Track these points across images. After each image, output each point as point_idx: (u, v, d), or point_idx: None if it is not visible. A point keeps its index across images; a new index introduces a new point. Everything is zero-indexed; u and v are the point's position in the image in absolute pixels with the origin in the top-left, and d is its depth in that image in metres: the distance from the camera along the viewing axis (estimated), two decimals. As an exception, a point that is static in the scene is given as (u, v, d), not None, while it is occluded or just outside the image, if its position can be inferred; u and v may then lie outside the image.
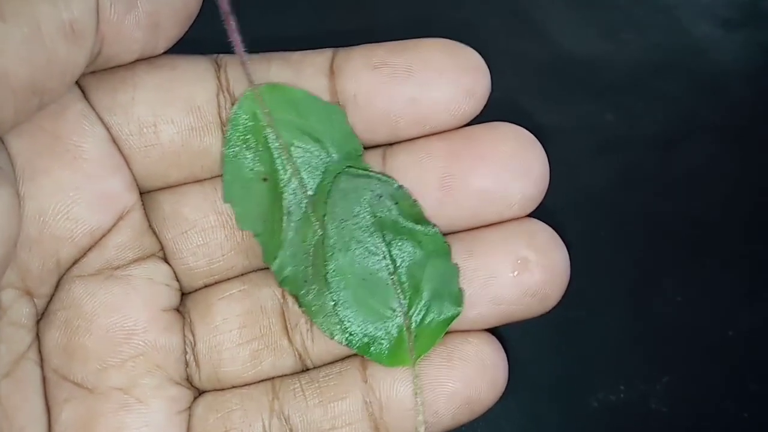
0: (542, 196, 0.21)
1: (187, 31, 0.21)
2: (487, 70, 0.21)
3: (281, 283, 0.21)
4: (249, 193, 0.21)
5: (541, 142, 0.21)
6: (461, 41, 0.22)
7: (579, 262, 0.23)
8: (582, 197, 0.32)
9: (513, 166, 0.21)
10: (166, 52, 0.21)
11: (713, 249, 0.31)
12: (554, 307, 0.22)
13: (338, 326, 0.21)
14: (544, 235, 0.21)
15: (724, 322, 0.30)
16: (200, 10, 0.20)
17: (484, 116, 0.22)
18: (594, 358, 0.29)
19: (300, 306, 0.21)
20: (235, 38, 0.21)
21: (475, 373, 0.21)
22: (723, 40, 0.36)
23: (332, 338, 0.21)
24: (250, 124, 0.21)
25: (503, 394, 0.22)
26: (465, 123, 0.21)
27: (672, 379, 0.29)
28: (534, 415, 0.28)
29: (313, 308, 0.21)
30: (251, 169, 0.21)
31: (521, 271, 0.21)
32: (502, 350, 0.21)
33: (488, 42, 0.22)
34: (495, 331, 0.22)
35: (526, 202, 0.21)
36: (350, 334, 0.21)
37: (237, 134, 0.21)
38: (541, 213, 0.22)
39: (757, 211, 0.32)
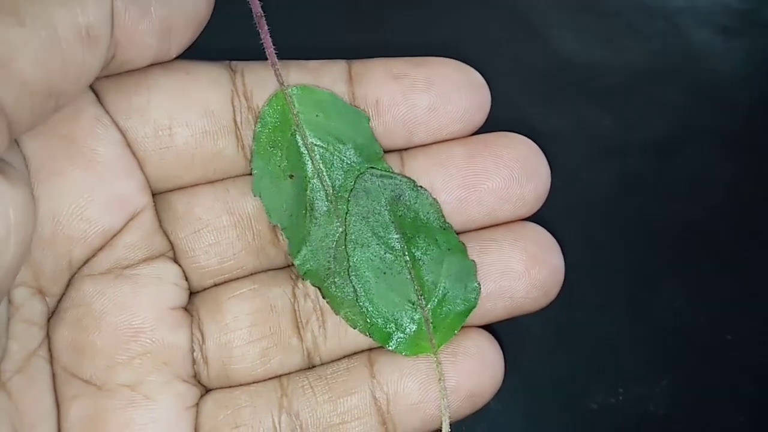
0: (545, 198, 0.23)
1: (197, 39, 0.21)
2: (488, 89, 0.23)
3: (304, 275, 0.22)
4: (277, 188, 0.22)
5: (541, 147, 0.23)
6: (463, 47, 0.24)
7: (578, 266, 0.24)
8: (581, 201, 0.32)
9: (526, 169, 0.22)
10: (178, 58, 0.21)
11: (711, 253, 0.32)
12: (554, 309, 0.23)
13: (361, 317, 0.22)
14: (544, 236, 0.23)
15: (722, 326, 0.30)
16: (211, 19, 0.21)
17: (487, 121, 0.23)
18: (593, 360, 0.29)
19: (324, 297, 0.22)
20: (267, 41, 0.22)
21: (477, 368, 0.22)
22: (722, 48, 0.36)
23: (355, 328, 0.22)
24: (279, 122, 0.22)
25: (503, 395, 0.23)
26: (473, 132, 0.23)
27: (670, 382, 0.29)
28: (533, 417, 0.29)
29: (337, 299, 0.22)
30: (279, 166, 0.22)
31: (531, 267, 0.22)
32: (498, 346, 0.23)
33: (489, 48, 0.22)
34: (492, 331, 0.23)
35: (537, 201, 0.23)
36: (372, 325, 0.22)
37: (266, 132, 0.22)
38: (541, 216, 0.23)
39: (756, 216, 0.33)
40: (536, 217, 0.23)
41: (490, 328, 0.23)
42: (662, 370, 0.29)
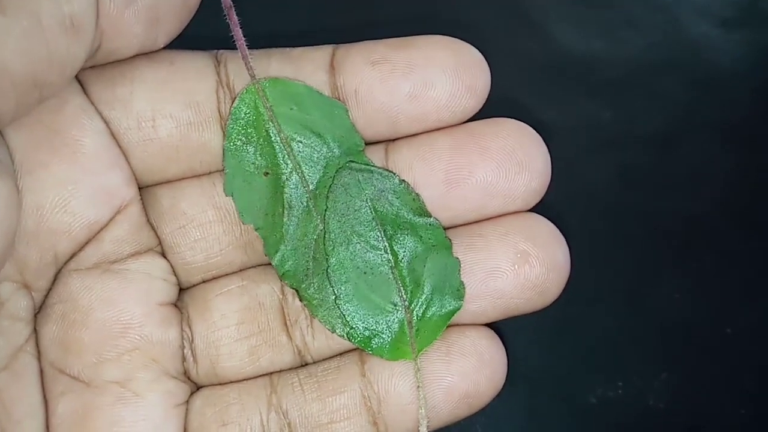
0: (545, 190, 0.21)
1: (187, 28, 0.21)
2: (487, 66, 0.21)
3: (282, 276, 0.21)
4: (250, 186, 0.21)
5: None
6: (462, 40, 0.21)
7: (577, 259, 0.23)
8: (580, 194, 0.32)
9: (516, 160, 0.21)
10: (166, 48, 0.21)
11: (711, 246, 0.32)
12: (553, 304, 0.22)
13: (339, 320, 0.21)
14: (544, 229, 0.21)
15: (722, 320, 0.30)
16: (201, 6, 0.21)
17: (483, 114, 0.22)
18: (592, 354, 0.29)
19: (301, 300, 0.21)
20: (237, 33, 0.21)
21: (473, 368, 0.21)
22: (721, 40, 0.36)
23: (333, 332, 0.21)
24: (252, 117, 0.21)
25: (502, 389, 0.22)
26: (466, 119, 0.21)
27: (670, 375, 0.29)
28: (532, 411, 0.29)
29: (314, 302, 0.21)
30: (253, 163, 0.21)
31: (521, 265, 0.21)
32: (501, 344, 0.22)
33: (487, 40, 0.22)
34: (493, 327, 0.22)
35: (530, 196, 0.21)
36: (351, 328, 0.21)
37: (238, 128, 0.21)
38: (539, 209, 0.22)
39: (755, 209, 0.33)
40: (534, 209, 0.22)
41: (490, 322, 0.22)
42: (662, 363, 0.29)
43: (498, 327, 0.22)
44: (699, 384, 0.29)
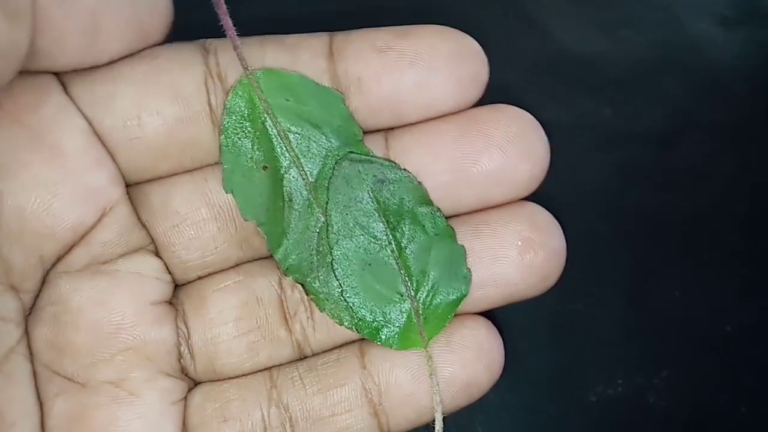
0: (543, 177, 0.22)
1: (175, 17, 0.20)
2: (486, 57, 0.21)
3: (286, 271, 0.21)
4: (250, 181, 0.21)
5: None
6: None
7: (577, 257, 0.23)
8: (581, 192, 0.32)
9: (520, 147, 0.21)
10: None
11: (711, 245, 0.32)
12: (553, 301, 0.23)
13: (347, 313, 0.21)
14: (543, 216, 0.22)
15: (721, 318, 0.30)
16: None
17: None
18: (592, 352, 0.29)
19: (307, 294, 0.21)
20: (227, 22, 0.20)
21: (473, 357, 0.21)
22: (721, 38, 0.36)
23: (341, 324, 0.21)
24: (247, 111, 0.21)
25: (502, 387, 0.22)
26: (466, 108, 0.22)
27: (670, 373, 0.29)
28: (532, 409, 0.29)
29: (320, 296, 0.21)
30: (250, 158, 0.21)
31: (526, 251, 0.21)
32: (498, 334, 0.22)
33: (488, 38, 0.22)
34: (492, 321, 0.22)
35: (532, 182, 0.21)
36: (359, 320, 0.21)
37: (234, 122, 0.21)
38: (539, 205, 0.22)
39: (755, 208, 0.32)
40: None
41: (488, 316, 0.22)
42: (662, 361, 0.29)
43: (498, 325, 0.22)
44: (699, 382, 0.29)
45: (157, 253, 0.21)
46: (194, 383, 0.22)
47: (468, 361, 0.21)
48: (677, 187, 0.33)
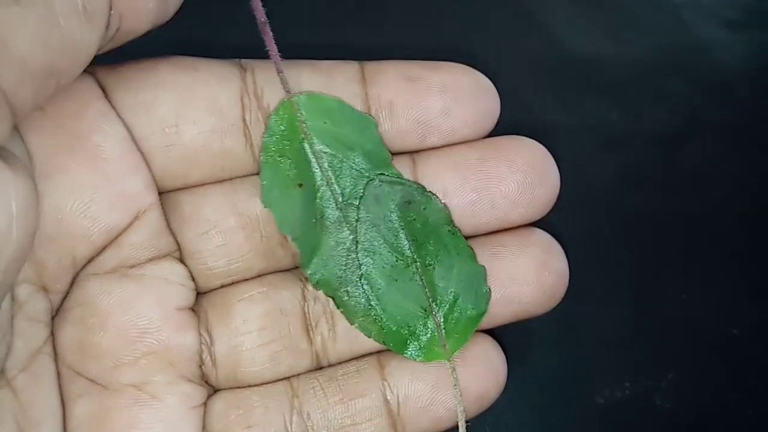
0: (556, 200, 0.23)
1: (208, 36, 0.21)
2: (498, 95, 0.23)
3: (317, 284, 0.22)
4: (286, 198, 0.22)
5: (546, 140, 0.23)
6: (467, 40, 0.23)
7: (584, 259, 0.24)
8: (586, 194, 0.32)
9: (538, 172, 0.22)
10: (189, 55, 0.21)
11: (717, 247, 0.32)
12: (559, 304, 0.23)
13: (375, 326, 0.22)
14: (551, 241, 0.23)
15: (728, 320, 0.30)
16: (226, 16, 0.21)
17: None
18: (599, 354, 0.29)
19: (338, 307, 0.22)
20: (272, 47, 0.21)
21: (484, 372, 0.22)
22: (726, 41, 0.36)
23: (369, 337, 0.22)
24: (287, 131, 0.22)
25: (510, 389, 0.23)
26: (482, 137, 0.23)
27: (677, 375, 0.29)
28: (540, 412, 0.29)
29: (350, 309, 0.22)
30: (287, 175, 0.22)
31: (540, 273, 0.22)
32: (501, 350, 0.23)
33: (494, 41, 0.22)
34: (500, 328, 0.23)
35: (547, 205, 0.23)
36: (387, 333, 0.22)
37: (274, 141, 0.22)
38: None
39: (761, 210, 0.33)
40: (542, 212, 0.23)
41: (492, 329, 0.23)
42: (669, 363, 0.29)
43: (507, 327, 0.23)
44: (706, 384, 0.29)
45: (181, 260, 0.22)
46: (213, 390, 0.22)
47: (480, 374, 0.22)
48: (683, 188, 0.33)
